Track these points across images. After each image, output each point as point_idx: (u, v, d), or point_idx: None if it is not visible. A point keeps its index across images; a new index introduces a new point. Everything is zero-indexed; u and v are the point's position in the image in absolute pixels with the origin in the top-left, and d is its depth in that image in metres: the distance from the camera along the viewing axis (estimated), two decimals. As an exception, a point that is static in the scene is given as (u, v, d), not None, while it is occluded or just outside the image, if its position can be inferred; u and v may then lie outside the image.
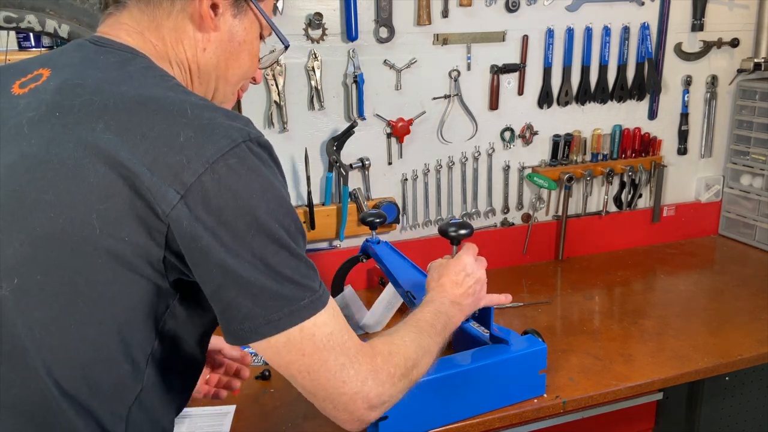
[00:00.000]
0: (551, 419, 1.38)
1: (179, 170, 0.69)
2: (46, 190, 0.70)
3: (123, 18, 0.83)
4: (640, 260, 2.09)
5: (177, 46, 0.84)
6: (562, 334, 1.60)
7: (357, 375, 0.80)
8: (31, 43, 1.53)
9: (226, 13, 0.85)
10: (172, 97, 0.74)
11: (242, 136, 0.73)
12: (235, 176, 0.71)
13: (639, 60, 2.06)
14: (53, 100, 0.74)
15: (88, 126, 0.71)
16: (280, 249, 0.74)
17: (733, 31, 2.15)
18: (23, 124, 0.74)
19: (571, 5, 1.94)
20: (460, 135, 1.93)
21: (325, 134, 1.81)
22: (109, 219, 0.69)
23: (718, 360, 1.46)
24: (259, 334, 0.75)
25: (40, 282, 0.71)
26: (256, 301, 0.74)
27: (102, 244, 0.69)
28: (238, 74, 0.91)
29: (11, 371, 0.72)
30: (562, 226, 2.09)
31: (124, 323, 0.74)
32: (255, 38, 0.90)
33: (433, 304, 1.07)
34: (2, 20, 1.27)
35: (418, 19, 1.79)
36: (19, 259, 0.70)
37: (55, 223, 0.69)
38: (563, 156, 2.04)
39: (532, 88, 1.98)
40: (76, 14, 1.32)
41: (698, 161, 2.26)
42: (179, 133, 0.70)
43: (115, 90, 0.73)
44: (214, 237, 0.70)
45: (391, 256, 1.58)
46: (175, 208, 0.69)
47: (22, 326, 0.71)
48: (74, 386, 0.73)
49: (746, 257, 2.11)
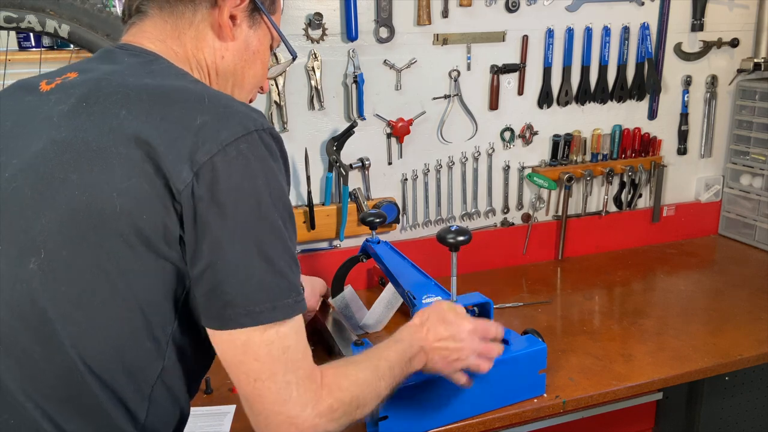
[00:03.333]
0: (551, 419, 1.38)
1: (194, 150, 0.72)
2: (72, 170, 0.74)
3: (145, 27, 0.89)
4: (640, 260, 2.09)
5: (198, 53, 0.90)
6: (562, 334, 1.60)
7: (299, 398, 0.78)
8: (31, 43, 1.53)
9: (242, 23, 0.91)
10: (191, 87, 0.79)
11: (255, 125, 0.76)
12: (243, 160, 0.74)
13: (639, 60, 2.06)
14: (81, 93, 0.79)
15: (112, 113, 0.75)
16: (276, 240, 0.76)
17: (733, 31, 2.15)
18: (53, 115, 0.79)
19: (571, 5, 1.94)
20: (460, 135, 1.93)
21: (325, 134, 1.81)
22: (129, 198, 0.72)
23: (718, 360, 1.46)
24: (238, 323, 0.75)
25: (66, 257, 0.73)
26: (243, 288, 0.74)
27: (123, 222, 0.73)
28: (252, 81, 0.97)
29: (37, 344, 0.74)
30: (562, 226, 2.09)
31: (145, 302, 0.76)
32: (267, 48, 0.97)
33: (401, 344, 1.02)
34: (2, 20, 1.27)
35: (418, 19, 1.79)
36: (47, 235, 0.74)
37: (79, 201, 0.73)
38: (563, 156, 2.05)
39: (532, 88, 1.98)
40: (76, 14, 1.32)
41: (698, 161, 2.26)
42: (196, 117, 0.74)
43: (138, 82, 0.78)
44: (216, 215, 0.73)
45: (391, 256, 1.58)
46: (187, 185, 0.72)
47: (49, 301, 0.74)
48: (99, 362, 0.75)
49: (746, 257, 2.11)
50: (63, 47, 1.53)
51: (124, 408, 0.77)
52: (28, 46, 1.53)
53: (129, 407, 0.78)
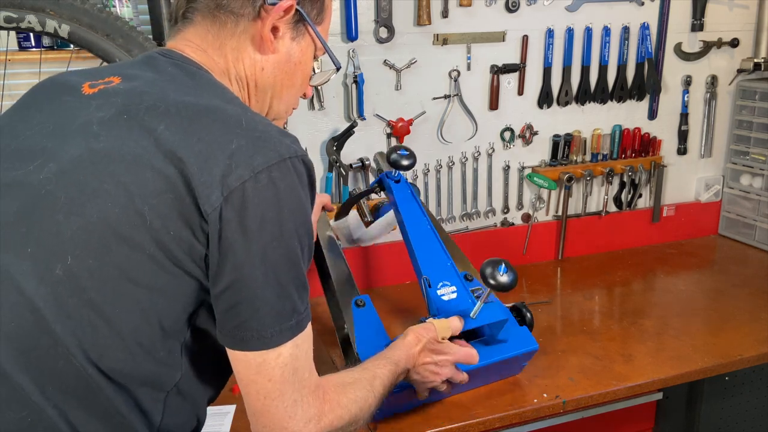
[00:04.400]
0: (551, 419, 1.38)
1: (227, 173, 0.73)
2: (106, 180, 0.75)
3: (189, 35, 0.90)
4: (640, 260, 2.09)
5: (237, 64, 0.90)
6: (562, 334, 1.60)
7: (303, 414, 0.83)
8: (31, 43, 1.53)
9: (285, 35, 0.91)
10: (230, 109, 0.80)
11: (289, 152, 0.77)
12: (273, 188, 0.75)
13: (639, 60, 2.06)
14: (122, 103, 0.80)
15: (151, 127, 0.76)
16: (292, 266, 0.80)
17: (733, 31, 2.15)
18: (93, 122, 0.79)
19: (571, 5, 1.94)
20: (460, 135, 1.93)
21: (325, 134, 1.81)
22: (159, 212, 0.73)
23: (718, 360, 1.46)
24: (248, 346, 0.79)
25: (91, 266, 0.74)
26: (257, 313, 0.77)
27: (151, 236, 0.74)
28: (292, 93, 0.97)
29: (55, 346, 0.75)
30: (562, 226, 2.09)
31: (164, 313, 0.78)
32: (309, 59, 0.96)
33: (394, 366, 1.08)
34: (2, 20, 1.27)
35: (418, 19, 1.79)
36: (75, 242, 0.74)
37: (110, 211, 0.74)
38: (563, 156, 2.05)
39: (532, 88, 1.98)
40: (76, 14, 1.32)
41: (698, 161, 2.26)
42: (232, 140, 0.75)
43: (178, 98, 0.79)
44: (241, 238, 0.75)
45: (408, 202, 1.50)
46: (216, 209, 0.73)
47: (73, 307, 0.74)
48: (115, 369, 0.76)
49: (746, 257, 2.11)
50: (63, 47, 1.53)
51: (139, 412, 0.79)
52: (28, 46, 1.53)
53: (145, 411, 0.79)
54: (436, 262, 1.40)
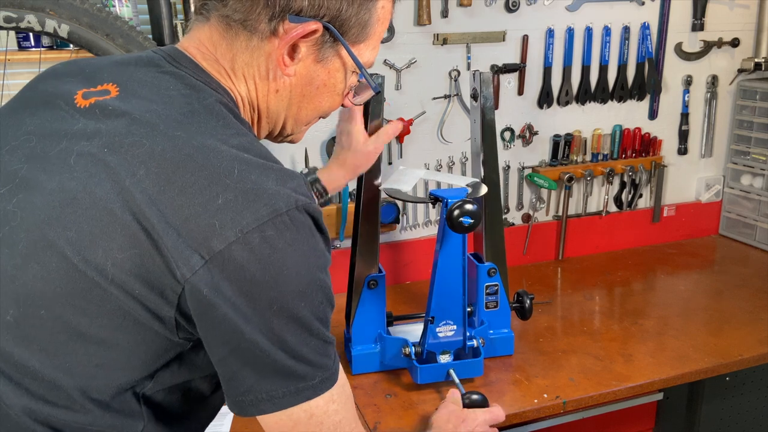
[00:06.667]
0: (551, 419, 1.38)
1: (209, 235, 0.65)
2: (70, 227, 0.68)
3: (203, 36, 0.81)
4: (640, 260, 2.09)
5: (249, 82, 0.81)
6: (562, 334, 1.60)
7: None
8: (31, 43, 1.53)
9: (307, 58, 0.80)
10: (225, 152, 0.70)
11: (287, 204, 0.68)
12: (268, 249, 0.67)
13: (639, 60, 2.06)
14: (107, 132, 0.72)
15: (130, 170, 0.68)
16: (300, 329, 0.72)
17: (733, 30, 2.14)
18: (72, 152, 0.71)
19: (571, 5, 1.94)
20: (460, 135, 1.93)
21: (325, 134, 1.81)
22: (124, 270, 0.67)
23: (719, 360, 1.46)
24: (259, 409, 0.73)
25: (43, 316, 0.69)
26: (263, 375, 0.71)
27: (113, 293, 0.68)
28: (311, 114, 0.88)
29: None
30: (562, 226, 2.09)
31: (121, 367, 0.73)
32: (339, 81, 0.85)
33: None
34: (2, 20, 1.27)
35: (418, 19, 1.79)
36: (29, 289, 0.69)
37: (70, 261, 0.68)
38: (563, 156, 2.04)
39: (532, 88, 1.98)
40: (76, 14, 1.31)
41: (698, 161, 2.26)
42: (219, 194, 0.67)
43: (168, 133, 0.70)
44: (232, 308, 0.67)
45: (456, 242, 1.39)
46: (196, 273, 0.66)
47: (19, 356, 0.71)
48: (65, 424, 0.72)
49: (746, 257, 2.11)
50: (63, 47, 1.53)
51: None
52: (27, 46, 1.53)
53: None
54: (449, 303, 1.36)
